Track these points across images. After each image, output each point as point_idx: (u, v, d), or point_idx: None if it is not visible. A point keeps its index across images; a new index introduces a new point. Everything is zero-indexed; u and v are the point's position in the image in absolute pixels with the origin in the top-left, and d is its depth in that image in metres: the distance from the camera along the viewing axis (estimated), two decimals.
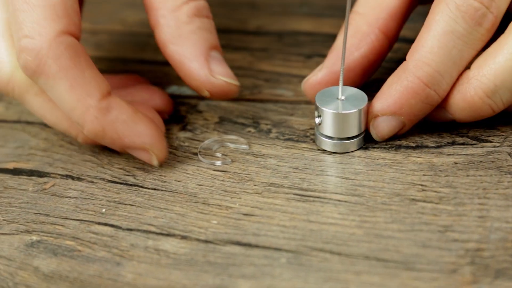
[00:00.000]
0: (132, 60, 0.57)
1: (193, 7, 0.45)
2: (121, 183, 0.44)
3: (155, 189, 0.44)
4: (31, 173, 0.46)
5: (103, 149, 0.47)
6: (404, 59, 0.44)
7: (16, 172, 0.46)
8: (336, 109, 0.44)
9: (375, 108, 0.44)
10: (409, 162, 0.44)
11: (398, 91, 0.43)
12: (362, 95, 0.45)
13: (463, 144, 0.45)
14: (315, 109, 0.45)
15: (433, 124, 0.46)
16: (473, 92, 0.43)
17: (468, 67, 0.43)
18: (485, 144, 0.45)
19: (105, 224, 0.42)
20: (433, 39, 0.43)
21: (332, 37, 0.58)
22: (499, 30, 0.43)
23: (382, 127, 0.44)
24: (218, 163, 0.45)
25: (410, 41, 0.45)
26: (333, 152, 0.45)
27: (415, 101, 0.43)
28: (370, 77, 0.48)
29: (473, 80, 0.43)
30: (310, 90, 0.47)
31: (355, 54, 0.46)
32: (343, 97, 0.45)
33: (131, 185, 0.44)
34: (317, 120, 0.45)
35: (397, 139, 0.45)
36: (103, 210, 0.43)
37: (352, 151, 0.45)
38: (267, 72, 0.54)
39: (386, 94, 0.44)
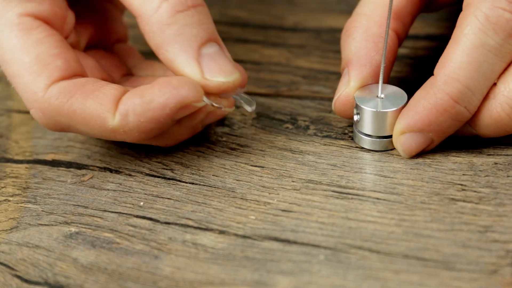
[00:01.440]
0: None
1: (174, 2, 0.42)
2: (159, 177, 0.45)
3: (192, 183, 0.44)
4: (69, 165, 0.46)
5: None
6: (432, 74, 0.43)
7: (54, 163, 0.47)
8: (375, 107, 0.44)
9: (402, 125, 0.43)
10: (448, 162, 0.44)
11: (427, 108, 0.42)
12: (401, 93, 0.45)
13: (503, 144, 0.44)
14: (354, 106, 0.45)
15: None
16: (500, 109, 0.42)
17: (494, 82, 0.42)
18: None
19: (143, 217, 0.42)
20: (462, 53, 0.41)
21: None
22: None
23: (409, 143, 0.43)
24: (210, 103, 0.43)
25: None
26: (372, 150, 0.45)
27: (444, 118, 0.42)
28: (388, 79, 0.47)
29: (500, 96, 0.42)
30: (343, 107, 0.45)
31: (376, 58, 0.44)
32: (382, 95, 0.44)
33: (169, 179, 0.44)
34: (355, 117, 0.45)
35: None
36: (141, 203, 0.43)
37: (390, 149, 0.45)
38: (305, 69, 0.54)
39: (413, 110, 0.42)
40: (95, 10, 0.49)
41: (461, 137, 0.45)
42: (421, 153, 0.44)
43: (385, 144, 0.45)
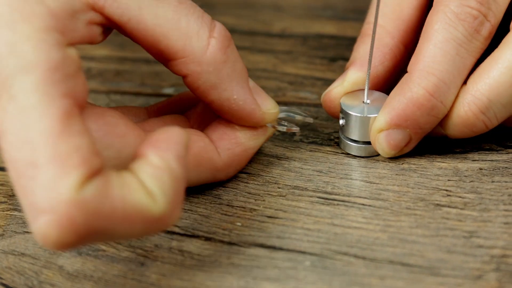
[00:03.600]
0: (156, 61, 0.57)
1: (220, 37, 0.40)
2: None
3: None
4: None
5: None
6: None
7: None
8: (361, 113, 0.44)
9: (379, 122, 0.43)
10: (433, 167, 0.44)
11: (402, 103, 0.42)
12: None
13: (488, 149, 0.45)
14: (340, 111, 0.45)
15: None
16: (467, 108, 0.42)
17: (464, 82, 0.43)
18: (511, 151, 0.45)
19: None
20: (435, 47, 0.42)
21: (356, 41, 0.58)
22: (494, 45, 0.43)
23: (388, 141, 0.43)
24: (283, 128, 0.44)
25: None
26: (357, 156, 0.45)
27: (420, 113, 0.42)
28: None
29: (468, 95, 0.42)
30: (329, 103, 0.46)
31: (378, 68, 0.45)
32: (368, 101, 0.45)
33: None
34: (340, 122, 0.45)
35: (421, 144, 0.45)
36: None
37: (376, 155, 0.45)
38: (291, 75, 0.54)
39: (389, 107, 0.43)
40: None
41: (446, 142, 0.45)
42: (406, 159, 0.44)
43: (371, 150, 0.45)
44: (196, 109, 0.44)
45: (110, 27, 0.39)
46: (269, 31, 0.60)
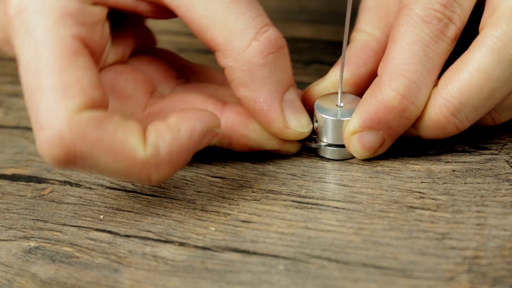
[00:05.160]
0: None
1: (265, 42, 0.41)
2: (119, 190, 0.45)
3: (153, 195, 0.44)
4: (29, 179, 0.46)
5: None
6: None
7: (14, 178, 0.46)
8: (335, 116, 0.44)
9: (352, 125, 0.43)
10: (407, 169, 0.44)
11: (374, 106, 0.42)
12: None
13: (461, 151, 0.45)
14: (313, 115, 0.45)
15: None
16: (438, 110, 0.42)
17: (435, 84, 0.43)
18: (483, 152, 0.45)
19: (103, 231, 0.42)
20: (403, 50, 0.42)
21: (331, 44, 0.58)
22: (464, 48, 0.43)
23: (361, 143, 0.43)
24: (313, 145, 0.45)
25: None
26: (332, 159, 0.45)
27: (392, 115, 0.42)
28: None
29: (439, 97, 0.42)
30: (309, 100, 0.46)
31: (362, 70, 0.45)
32: (342, 104, 0.45)
33: (129, 191, 0.44)
34: (315, 125, 0.45)
35: (394, 146, 0.45)
36: (101, 216, 0.43)
37: (350, 158, 0.45)
38: None
39: (361, 109, 0.43)
40: (134, 18, 0.47)
41: (419, 144, 0.45)
42: (380, 161, 0.45)
43: (345, 153, 0.45)
44: None
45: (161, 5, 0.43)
46: None
